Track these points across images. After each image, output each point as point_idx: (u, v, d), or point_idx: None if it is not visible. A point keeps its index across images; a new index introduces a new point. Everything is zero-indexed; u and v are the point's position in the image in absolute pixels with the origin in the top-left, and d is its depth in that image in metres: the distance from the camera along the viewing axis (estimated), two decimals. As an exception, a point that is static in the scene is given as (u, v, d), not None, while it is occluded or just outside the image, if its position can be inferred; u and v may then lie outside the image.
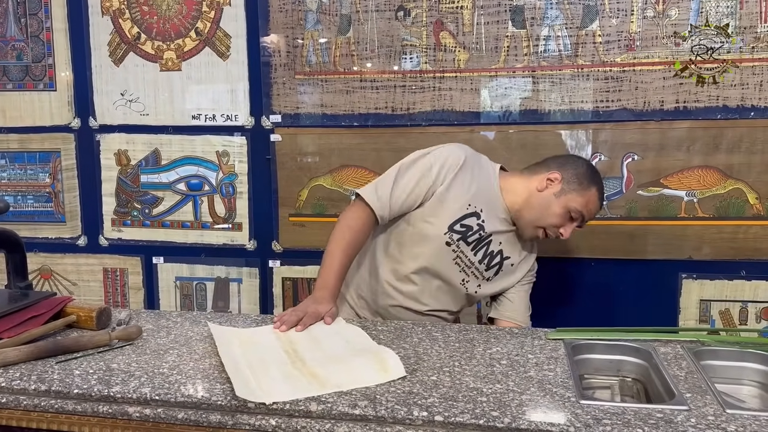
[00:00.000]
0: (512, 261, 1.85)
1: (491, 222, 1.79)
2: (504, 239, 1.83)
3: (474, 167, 1.80)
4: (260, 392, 1.19)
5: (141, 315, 1.70)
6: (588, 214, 1.77)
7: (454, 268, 1.80)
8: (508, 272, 1.87)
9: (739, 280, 2.30)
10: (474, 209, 1.77)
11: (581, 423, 1.09)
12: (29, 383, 1.27)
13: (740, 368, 1.41)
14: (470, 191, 1.77)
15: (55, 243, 2.79)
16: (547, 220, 1.76)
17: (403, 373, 1.29)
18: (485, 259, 1.81)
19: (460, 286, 1.82)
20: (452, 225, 1.76)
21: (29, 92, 2.71)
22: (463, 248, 1.78)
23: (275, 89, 2.51)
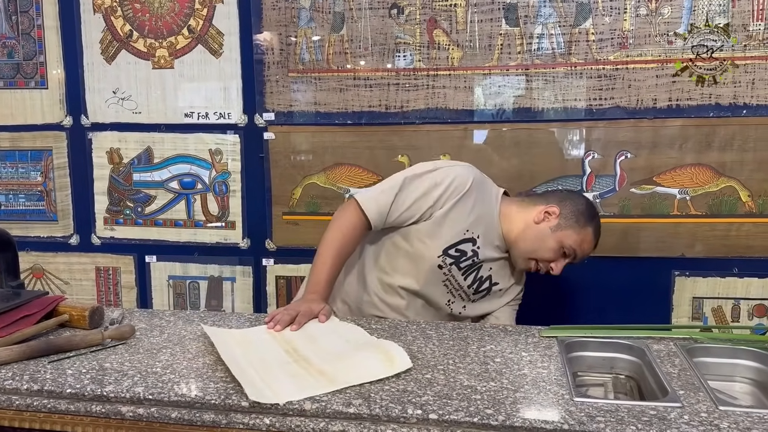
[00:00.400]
0: (501, 286, 1.88)
1: (486, 249, 1.79)
2: (495, 265, 1.84)
3: (478, 192, 1.78)
4: (270, 393, 1.18)
5: (134, 314, 1.70)
6: (581, 253, 1.78)
7: (442, 290, 1.81)
8: (496, 296, 1.89)
9: (731, 277, 2.31)
10: (471, 235, 1.77)
11: (575, 420, 1.10)
12: (21, 383, 1.26)
13: (733, 365, 1.42)
14: (470, 217, 1.76)
15: (47, 242, 2.77)
16: (540, 254, 1.77)
17: (409, 364, 1.30)
18: (474, 284, 1.82)
19: (445, 306, 1.83)
20: (447, 249, 1.75)
21: (20, 90, 2.69)
22: (454, 272, 1.78)
23: (268, 87, 2.50)
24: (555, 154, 2.34)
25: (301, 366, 1.31)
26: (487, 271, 1.83)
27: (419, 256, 1.76)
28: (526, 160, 2.34)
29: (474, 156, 2.34)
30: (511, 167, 2.36)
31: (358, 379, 1.24)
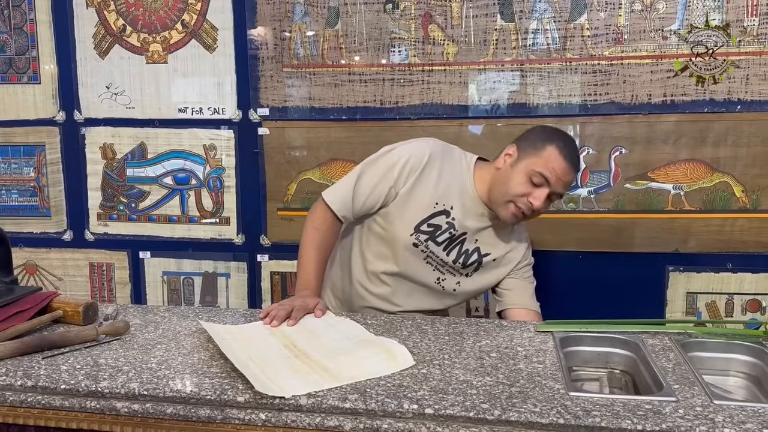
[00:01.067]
0: (493, 257, 1.78)
1: (465, 219, 1.73)
2: (481, 236, 1.76)
3: (442, 163, 1.72)
4: (275, 387, 1.17)
5: (128, 310, 1.69)
6: (553, 175, 1.62)
7: (427, 268, 1.75)
8: (490, 267, 1.79)
9: (725, 272, 2.32)
10: (443, 207, 1.71)
11: (570, 415, 1.10)
12: (15, 379, 1.26)
13: (727, 359, 1.42)
14: (438, 189, 1.71)
15: (40, 238, 2.76)
16: (511, 191, 1.64)
17: (412, 362, 1.30)
18: (460, 258, 1.75)
19: (436, 285, 1.78)
20: (418, 225, 1.70)
21: (13, 85, 2.68)
22: (432, 248, 1.73)
23: (263, 82, 2.49)
24: (550, 150, 2.33)
25: (302, 361, 1.30)
26: (473, 243, 1.75)
27: (392, 238, 1.73)
28: (521, 156, 2.34)
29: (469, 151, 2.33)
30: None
31: (363, 375, 1.24)
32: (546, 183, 1.62)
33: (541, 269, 2.39)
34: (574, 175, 1.67)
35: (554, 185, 1.63)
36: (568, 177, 1.65)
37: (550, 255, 2.39)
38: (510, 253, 1.80)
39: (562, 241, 2.37)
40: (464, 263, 1.76)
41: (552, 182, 1.62)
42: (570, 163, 1.64)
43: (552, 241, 2.37)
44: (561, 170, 1.62)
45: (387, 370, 1.26)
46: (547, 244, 2.37)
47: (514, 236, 1.82)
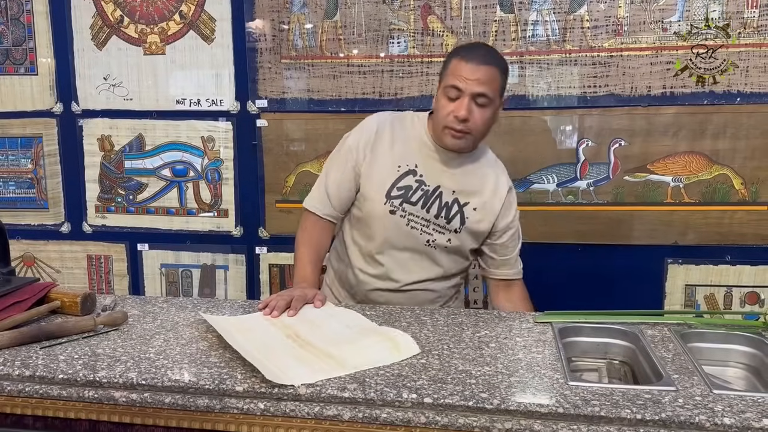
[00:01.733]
0: (473, 205, 1.75)
1: (432, 173, 1.73)
2: (454, 185, 1.74)
3: (392, 128, 1.77)
4: (283, 375, 1.17)
5: (126, 301, 1.68)
6: (462, 81, 1.61)
7: (413, 233, 1.74)
8: (475, 217, 1.76)
9: (724, 265, 2.32)
10: (407, 168, 1.73)
11: (570, 404, 1.10)
12: (13, 368, 1.25)
13: (726, 350, 1.42)
14: (395, 152, 1.74)
15: (37, 230, 2.75)
16: (439, 118, 1.67)
17: (417, 350, 1.30)
18: (441, 212, 1.74)
19: (427, 247, 1.75)
20: (389, 192, 1.72)
21: (10, 76, 2.67)
22: (411, 210, 1.73)
23: (261, 74, 2.48)
24: (549, 142, 2.34)
25: (306, 350, 1.30)
26: (450, 194, 1.74)
27: (370, 214, 1.75)
28: (520, 148, 2.34)
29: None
30: (505, 155, 2.31)
31: (369, 364, 1.23)
32: (460, 91, 1.62)
33: (540, 261, 2.38)
34: (486, 70, 1.62)
35: (469, 88, 1.61)
36: (478, 74, 1.61)
37: (549, 247, 2.39)
38: (490, 201, 1.77)
39: (561, 233, 2.37)
40: (447, 216, 1.74)
41: (465, 88, 1.61)
42: (474, 62, 1.62)
43: (551, 233, 2.37)
44: (467, 71, 1.61)
45: (391, 359, 1.26)
46: (546, 236, 2.38)
47: (491, 180, 1.79)
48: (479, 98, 1.62)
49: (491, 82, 1.63)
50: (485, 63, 1.62)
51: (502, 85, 1.68)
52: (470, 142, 1.70)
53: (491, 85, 1.63)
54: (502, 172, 1.82)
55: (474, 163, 1.77)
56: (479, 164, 1.78)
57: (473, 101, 1.62)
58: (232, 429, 1.17)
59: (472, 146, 1.73)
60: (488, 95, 1.63)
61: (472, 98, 1.62)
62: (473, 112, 1.63)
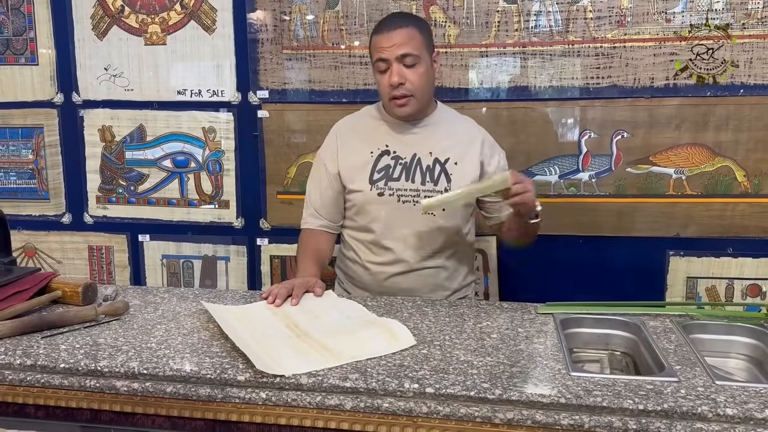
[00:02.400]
0: (454, 159, 1.79)
1: (404, 146, 1.79)
2: (429, 147, 1.78)
3: (352, 123, 1.88)
4: (277, 366, 1.18)
5: (127, 291, 1.68)
6: (383, 51, 1.68)
7: (407, 207, 1.77)
8: (461, 171, 1.78)
9: (726, 257, 2.31)
10: (379, 150, 1.80)
11: (572, 394, 1.10)
12: (14, 358, 1.25)
13: (728, 342, 1.42)
14: (364, 142, 1.81)
15: (38, 220, 2.75)
16: (381, 93, 1.76)
17: (413, 341, 1.30)
18: (426, 177, 1.77)
19: (426, 216, 1.77)
20: (371, 177, 1.78)
21: (10, 66, 2.65)
22: (396, 186, 1.77)
23: (262, 64, 2.47)
24: (551, 133, 2.33)
25: (303, 340, 1.30)
26: (429, 158, 1.78)
27: (362, 205, 1.80)
28: (522, 139, 2.33)
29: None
30: (507, 146, 2.31)
31: (365, 355, 1.24)
32: (386, 62, 1.69)
33: (541, 253, 2.39)
34: (400, 32, 1.68)
35: (391, 54, 1.68)
36: (394, 38, 1.68)
37: (551, 239, 2.38)
38: (468, 148, 1.81)
39: (563, 225, 2.36)
40: (432, 179, 1.77)
41: (387, 56, 1.68)
42: (386, 30, 1.70)
43: (552, 225, 2.36)
44: (384, 41, 1.69)
45: (388, 350, 1.26)
46: (547, 228, 2.34)
47: (462, 131, 1.84)
48: (405, 59, 1.68)
49: (410, 41, 1.68)
50: (397, 27, 1.69)
51: (425, 41, 1.73)
52: (417, 104, 1.74)
53: (411, 43, 1.68)
54: (467, 122, 1.88)
55: (441, 123, 1.83)
56: (446, 122, 1.84)
57: (401, 65, 1.68)
58: (234, 418, 1.17)
59: (422, 106, 1.77)
60: (412, 53, 1.68)
61: (399, 62, 1.68)
62: (405, 74, 1.69)
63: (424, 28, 1.75)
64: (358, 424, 1.13)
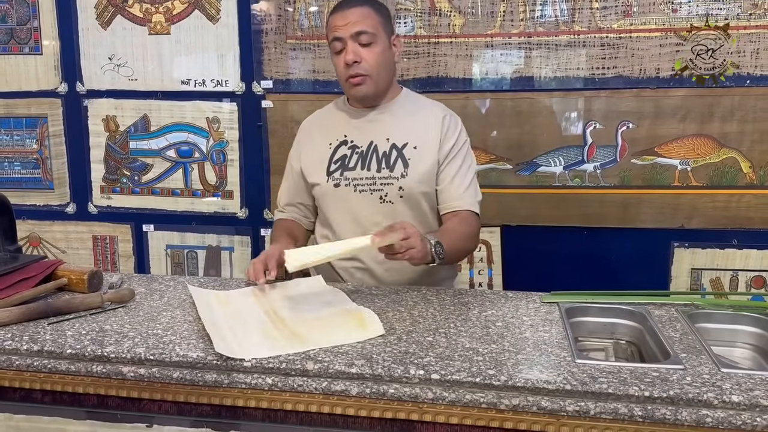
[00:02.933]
0: (412, 143, 1.72)
1: (361, 134, 1.75)
2: (386, 133, 1.74)
3: (317, 119, 1.87)
4: (239, 349, 1.19)
5: (133, 279, 1.69)
6: (338, 30, 1.65)
7: (365, 197, 1.72)
8: (419, 155, 1.72)
9: (730, 249, 2.31)
10: (338, 141, 1.77)
11: (577, 381, 1.10)
12: (21, 343, 1.26)
13: (734, 331, 1.42)
14: (324, 135, 1.79)
15: (43, 210, 2.75)
16: (338, 74, 1.73)
17: (381, 331, 1.30)
18: (381, 164, 1.72)
19: (383, 205, 1.71)
20: (327, 169, 1.76)
21: (14, 56, 2.65)
22: (352, 175, 1.73)
23: (266, 54, 2.47)
24: (556, 124, 2.32)
25: (275, 326, 1.32)
26: (386, 144, 1.73)
27: (322, 200, 1.78)
28: (527, 130, 2.33)
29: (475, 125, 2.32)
30: (512, 137, 2.34)
31: (329, 342, 1.24)
32: (341, 40, 1.66)
33: (547, 244, 2.40)
34: (355, 11, 1.65)
35: (345, 32, 1.65)
36: (349, 16, 1.65)
37: (555, 230, 2.38)
38: (428, 130, 1.74)
39: (567, 216, 2.36)
40: (388, 165, 1.72)
41: (342, 34, 1.66)
42: (341, 8, 1.68)
43: (557, 216, 2.36)
44: (339, 19, 1.67)
45: (355, 338, 1.27)
46: (552, 219, 2.37)
47: (423, 113, 1.77)
48: (360, 37, 1.65)
49: (365, 19, 1.66)
50: (352, 5, 1.67)
51: (382, 21, 1.69)
52: (373, 84, 1.69)
53: (366, 21, 1.65)
54: (435, 105, 1.81)
55: (401, 107, 1.78)
56: (407, 105, 1.78)
57: (357, 43, 1.65)
58: (240, 404, 1.17)
59: (379, 89, 1.71)
60: (367, 31, 1.65)
61: (354, 41, 1.65)
62: (360, 53, 1.65)
63: (381, 10, 1.72)
64: (363, 410, 1.13)
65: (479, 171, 2.38)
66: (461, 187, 1.74)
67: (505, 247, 2.45)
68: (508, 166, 2.37)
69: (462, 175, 1.74)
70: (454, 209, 1.73)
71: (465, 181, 1.75)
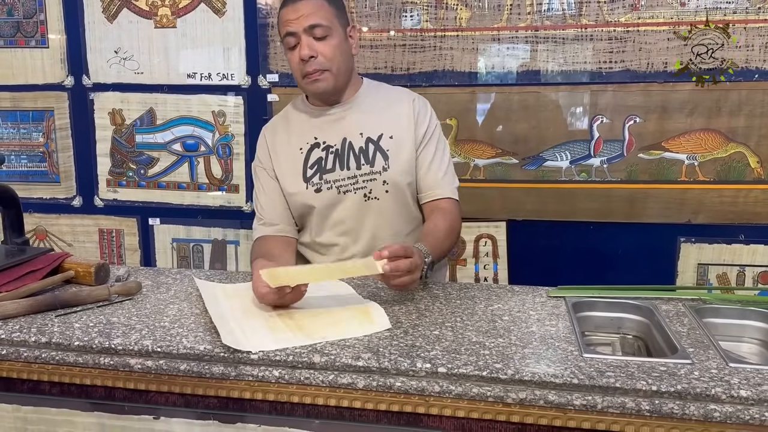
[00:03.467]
0: (388, 133, 1.67)
1: (332, 133, 1.68)
2: (358, 127, 1.68)
3: (282, 123, 1.76)
4: (246, 342, 1.19)
5: (139, 272, 1.69)
6: (291, 24, 1.59)
7: (349, 197, 1.66)
8: (397, 144, 1.67)
9: (737, 244, 2.30)
10: (308, 144, 1.70)
11: (584, 375, 1.09)
12: (29, 335, 1.26)
13: (741, 326, 1.41)
14: (293, 140, 1.71)
15: (49, 203, 2.76)
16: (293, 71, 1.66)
17: (388, 325, 1.30)
18: (361, 159, 1.66)
19: (369, 202, 1.66)
20: (304, 175, 1.68)
21: (21, 49, 2.66)
22: (332, 177, 1.67)
23: (272, 48, 2.46)
24: (563, 118, 2.31)
25: (282, 320, 1.32)
26: (360, 138, 1.67)
27: (303, 210, 1.70)
28: (533, 124, 2.32)
29: (481, 120, 2.32)
30: (518, 131, 2.34)
31: (335, 335, 1.24)
32: (294, 35, 1.60)
33: (553, 239, 2.39)
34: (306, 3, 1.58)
35: (298, 26, 1.58)
36: (301, 9, 1.58)
37: (562, 225, 2.38)
38: (400, 116, 1.70)
39: (574, 211, 2.36)
40: (368, 161, 1.67)
41: (295, 28, 1.59)
42: (291, 2, 1.60)
43: (563, 210, 2.36)
44: (290, 13, 1.60)
45: (361, 332, 1.27)
46: (558, 213, 2.36)
47: (392, 101, 1.73)
48: (314, 30, 1.58)
49: (318, 11, 1.59)
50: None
51: (336, 12, 1.63)
52: (333, 79, 1.63)
53: (319, 13, 1.59)
54: (401, 90, 1.76)
55: (367, 98, 1.72)
56: (372, 95, 1.73)
57: (311, 38, 1.59)
58: (247, 396, 1.18)
59: (339, 83, 1.65)
60: (321, 24, 1.59)
61: (308, 35, 1.58)
62: (315, 47, 1.59)
63: (334, 0, 1.64)
64: (370, 403, 1.14)
65: (485, 165, 2.38)
66: (439, 172, 1.70)
67: (511, 241, 2.45)
68: (514, 161, 2.36)
69: (438, 159, 1.70)
70: (434, 198, 1.69)
71: (442, 166, 1.70)
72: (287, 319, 1.33)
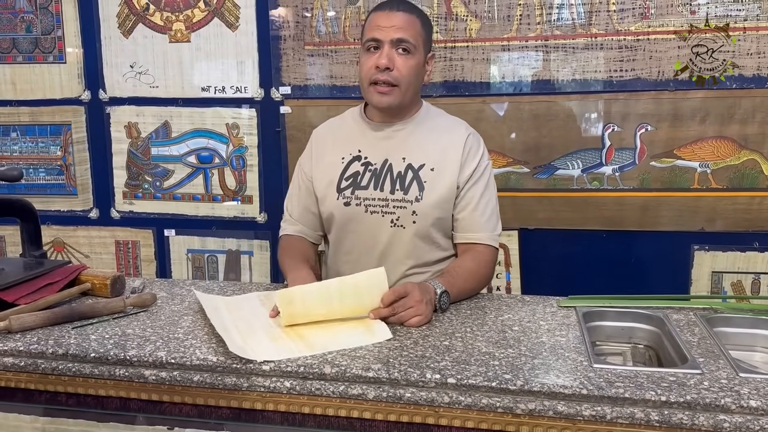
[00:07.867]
0: (430, 165, 1.63)
1: (377, 151, 1.66)
2: (403, 152, 1.64)
3: (331, 129, 1.77)
4: (251, 351, 1.22)
5: (155, 283, 1.72)
6: (379, 31, 1.56)
7: (374, 219, 1.63)
8: (436, 180, 1.62)
9: (752, 251, 2.28)
10: (351, 156, 1.68)
11: (594, 386, 1.10)
12: (47, 347, 1.29)
13: (753, 335, 1.41)
14: (337, 148, 1.70)
15: (67, 216, 2.80)
16: (363, 73, 1.61)
17: (389, 335, 1.31)
18: (396, 184, 1.62)
19: (394, 229, 1.63)
20: (338, 186, 1.67)
21: (39, 65, 2.71)
22: (363, 195, 1.64)
23: (284, 60, 2.49)
24: (574, 127, 2.32)
25: (282, 330, 1.34)
26: (402, 163, 1.64)
27: (330, 218, 1.69)
28: (544, 133, 2.33)
29: (492, 129, 2.33)
30: (529, 140, 2.34)
31: (336, 346, 1.26)
32: (379, 41, 1.57)
33: (565, 248, 2.39)
34: (402, 16, 1.57)
35: (387, 35, 1.56)
36: (394, 20, 1.56)
37: (574, 233, 2.38)
38: (449, 151, 1.64)
39: (586, 219, 2.35)
40: (403, 187, 1.62)
41: (383, 36, 1.56)
42: (388, 9, 1.58)
43: (575, 219, 2.36)
44: (382, 20, 1.57)
45: (362, 342, 1.28)
46: (570, 222, 2.36)
47: (445, 133, 1.68)
48: (400, 45, 1.56)
49: (409, 28, 1.57)
50: (400, 9, 1.59)
51: (425, 35, 1.62)
52: (399, 96, 1.60)
53: (409, 30, 1.57)
54: (459, 123, 1.72)
55: (421, 124, 1.68)
56: (427, 123, 1.69)
57: (394, 49, 1.56)
58: (259, 407, 1.19)
59: (403, 101, 1.62)
60: (409, 41, 1.57)
61: (393, 46, 1.56)
62: (395, 60, 1.56)
63: (426, 23, 1.64)
64: (380, 414, 1.15)
65: (497, 174, 2.38)
66: (482, 217, 1.64)
67: (523, 250, 2.45)
68: (525, 170, 2.37)
69: (484, 202, 1.65)
70: (469, 241, 1.65)
71: (486, 210, 1.65)
72: (287, 329, 1.34)
